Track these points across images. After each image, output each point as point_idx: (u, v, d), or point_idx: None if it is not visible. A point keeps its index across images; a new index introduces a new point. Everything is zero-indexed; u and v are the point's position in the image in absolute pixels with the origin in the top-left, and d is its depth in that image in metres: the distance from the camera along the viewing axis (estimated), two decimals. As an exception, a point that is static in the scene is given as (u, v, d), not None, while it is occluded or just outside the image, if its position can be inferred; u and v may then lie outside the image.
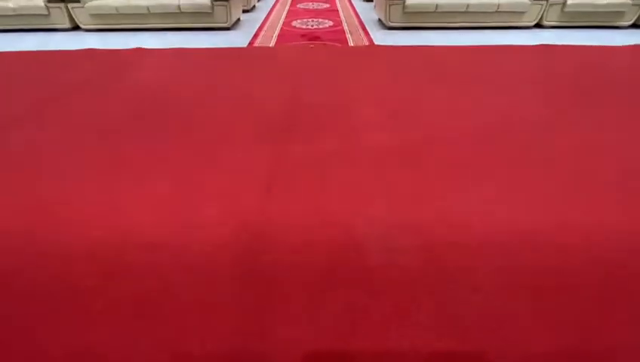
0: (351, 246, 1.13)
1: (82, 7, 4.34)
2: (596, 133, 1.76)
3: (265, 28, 4.65)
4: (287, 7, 5.89)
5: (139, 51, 2.68)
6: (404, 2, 4.27)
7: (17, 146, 1.66)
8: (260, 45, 3.89)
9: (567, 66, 2.45)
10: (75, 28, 4.59)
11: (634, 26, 4.63)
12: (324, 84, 2.22)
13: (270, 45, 3.91)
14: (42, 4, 4.37)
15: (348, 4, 6.21)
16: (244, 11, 5.41)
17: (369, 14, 5.46)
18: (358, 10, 5.67)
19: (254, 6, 5.91)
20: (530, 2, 4.34)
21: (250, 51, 2.70)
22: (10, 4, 4.41)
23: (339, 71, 2.40)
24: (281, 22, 4.94)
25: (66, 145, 1.66)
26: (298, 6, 6.02)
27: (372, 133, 1.73)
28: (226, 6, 4.32)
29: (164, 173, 1.47)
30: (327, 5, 6.08)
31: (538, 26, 4.59)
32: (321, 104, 1.96)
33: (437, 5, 4.29)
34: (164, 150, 1.61)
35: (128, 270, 1.07)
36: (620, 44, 3.93)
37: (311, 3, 6.25)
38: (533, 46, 2.73)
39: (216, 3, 4.28)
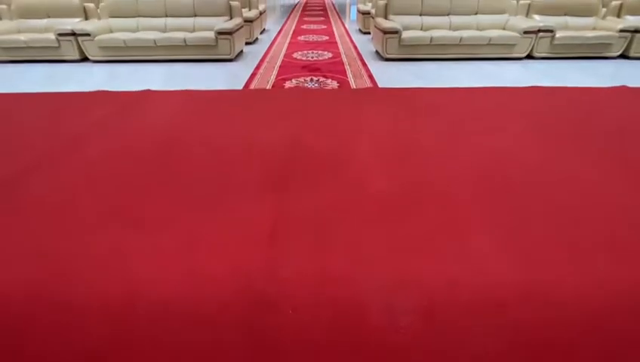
0: (354, 306, 1.13)
1: (92, 40, 4.52)
2: (594, 181, 1.77)
3: (267, 59, 4.83)
4: (288, 40, 6.14)
5: (146, 94, 2.76)
6: (400, 35, 4.47)
7: (25, 197, 1.66)
8: (262, 76, 4.03)
9: (560, 109, 2.52)
10: (84, 59, 4.76)
11: (622, 56, 4.83)
12: (325, 127, 2.25)
13: (272, 75, 4.05)
14: (53, 37, 4.55)
15: (346, 36, 6.49)
16: (247, 43, 5.64)
17: (367, 46, 5.69)
18: (356, 42, 5.91)
19: (257, 38, 6.17)
20: (520, 36, 4.54)
21: (252, 93, 2.78)
22: (22, 37, 4.59)
23: (339, 114, 2.45)
24: (282, 54, 5.13)
25: (73, 196, 1.67)
26: (299, 38, 6.28)
27: (373, 180, 1.74)
28: (229, 39, 4.51)
29: (171, 225, 1.47)
30: (327, 38, 6.35)
31: (529, 57, 4.78)
32: (322, 149, 1.98)
33: (431, 38, 4.49)
34: (170, 200, 1.63)
35: (136, 329, 1.07)
36: (609, 75, 4.09)
37: (311, 35, 6.53)
38: (524, 88, 2.83)
39: (220, 37, 4.47)
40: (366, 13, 6.45)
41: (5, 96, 3.00)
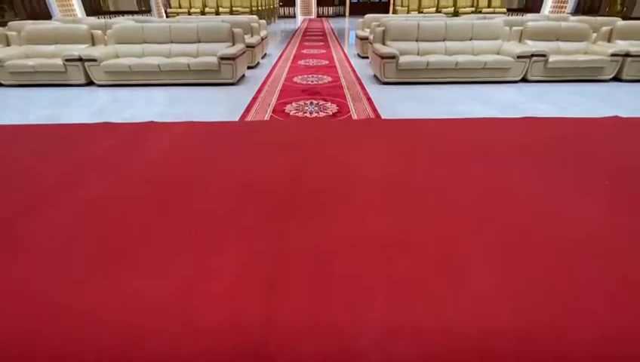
0: (352, 356, 1.11)
1: (98, 65, 4.65)
2: (593, 219, 1.75)
3: (268, 83, 4.95)
4: (288, 64, 6.31)
5: (148, 126, 2.78)
6: (397, 60, 4.60)
7: (20, 238, 1.64)
8: (264, 100, 4.11)
9: (555, 142, 2.52)
10: (89, 83, 4.88)
11: (615, 78, 4.95)
12: (324, 161, 2.24)
13: (273, 99, 4.13)
14: (60, 62, 4.69)
15: (345, 61, 6.67)
16: (249, 67, 5.80)
17: (365, 70, 5.84)
18: (354, 67, 6.07)
19: (258, 62, 6.35)
20: (514, 60, 4.67)
21: (251, 125, 2.80)
22: (30, 62, 4.73)
23: (338, 146, 2.44)
24: (283, 77, 5.26)
25: (68, 237, 1.65)
26: (299, 63, 6.45)
27: (371, 217, 1.74)
28: (232, 64, 4.64)
29: (168, 269, 1.46)
30: (326, 62, 6.53)
31: (524, 80, 4.89)
32: (321, 184, 1.97)
33: (428, 63, 4.61)
34: (167, 242, 1.61)
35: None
36: (602, 98, 4.17)
37: (311, 60, 6.72)
38: (519, 119, 2.87)
39: (223, 62, 4.60)
40: (364, 39, 6.66)
41: (5, 128, 2.94)
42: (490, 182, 2.04)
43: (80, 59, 4.67)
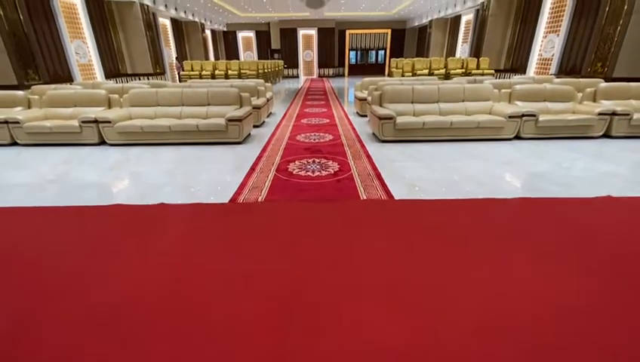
0: None
1: (112, 126, 4.92)
2: (603, 316, 1.65)
3: (272, 141, 5.17)
4: (292, 123, 6.66)
5: (159, 208, 2.72)
6: (394, 121, 4.85)
7: (20, 350, 1.57)
8: (268, 158, 4.27)
9: (551, 225, 2.45)
10: (102, 143, 5.12)
11: (605, 135, 5.16)
12: (323, 253, 2.18)
13: (277, 157, 4.29)
14: (77, 124, 4.97)
15: (345, 119, 7.03)
16: (255, 126, 6.11)
17: (364, 128, 6.14)
18: (354, 125, 6.39)
19: (264, 121, 6.70)
20: (506, 120, 4.92)
21: (257, 207, 2.80)
22: (47, 124, 5.02)
23: (337, 234, 2.38)
24: (287, 136, 5.51)
25: (71, 345, 1.58)
26: (302, 121, 6.81)
27: (372, 324, 1.65)
28: (239, 125, 4.90)
29: None
30: (328, 120, 6.88)
31: (518, 137, 5.10)
32: (322, 287, 1.89)
33: (424, 123, 4.86)
34: (168, 347, 1.55)
35: None
36: (594, 155, 4.30)
37: (313, 119, 7.09)
38: (514, 199, 2.87)
39: (230, 123, 4.87)
40: (362, 100, 7.11)
41: (13, 211, 2.83)
42: (495, 280, 1.92)
43: (95, 121, 4.96)
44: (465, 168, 3.88)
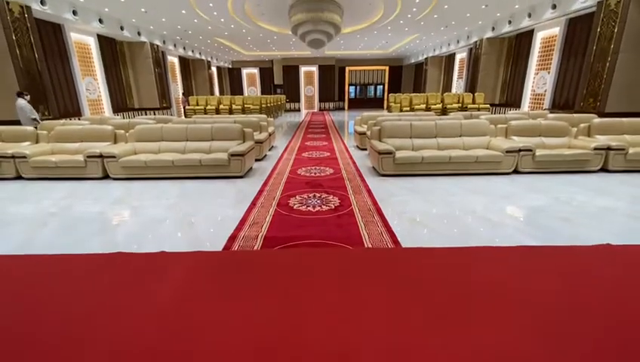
0: None
1: (116, 161, 5.02)
2: None
3: (274, 175, 5.24)
4: (293, 156, 6.77)
5: (160, 257, 2.71)
6: (394, 156, 4.94)
7: None
8: (269, 193, 4.30)
9: (551, 278, 2.37)
10: (105, 177, 5.19)
11: (603, 169, 5.22)
12: (322, 303, 2.11)
13: (278, 192, 4.33)
14: (82, 158, 5.07)
15: (346, 152, 7.16)
16: (257, 160, 6.22)
17: (364, 161, 6.24)
18: (354, 158, 6.49)
19: (266, 155, 6.83)
20: (503, 155, 5.01)
21: (258, 256, 2.80)
22: (53, 158, 5.12)
23: (335, 282, 2.31)
24: (288, 170, 5.59)
25: None
26: (303, 155, 6.93)
27: None
28: (241, 160, 5.00)
29: None
30: (328, 154, 7.01)
31: (516, 171, 5.16)
32: (319, 338, 1.83)
33: (423, 158, 4.95)
34: None
35: None
36: (592, 189, 4.32)
37: (314, 152, 7.22)
38: (514, 248, 2.84)
39: (232, 158, 4.97)
40: (362, 134, 7.28)
41: (13, 259, 2.76)
42: (487, 336, 1.82)
43: (100, 156, 5.06)
44: (465, 203, 3.89)
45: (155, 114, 14.09)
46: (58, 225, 3.39)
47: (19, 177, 5.24)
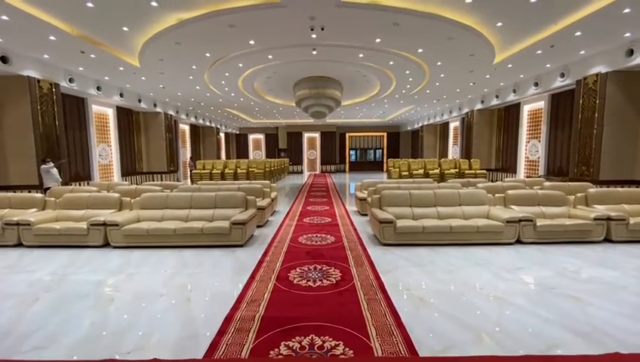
0: None
1: (118, 229, 5.05)
2: None
3: (274, 244, 5.20)
4: (294, 222, 6.79)
5: None
6: (395, 225, 4.96)
7: None
8: (269, 265, 4.23)
9: None
10: (105, 245, 5.16)
11: (606, 239, 5.16)
12: None
13: (277, 264, 4.25)
14: (85, 226, 5.11)
15: (347, 218, 7.19)
16: (258, 226, 6.23)
17: (365, 227, 6.23)
18: (355, 225, 6.49)
19: (267, 220, 6.85)
20: (504, 225, 5.02)
21: None
22: (57, 226, 5.16)
23: None
24: (289, 238, 5.56)
25: None
26: (304, 220, 6.96)
27: None
28: (242, 228, 5.02)
29: None
30: (329, 219, 7.04)
31: (519, 241, 5.11)
32: None
33: (424, 227, 4.96)
34: None
35: None
36: (596, 261, 4.22)
37: (315, 217, 7.26)
38: (532, 358, 2.50)
39: (234, 226, 5.00)
40: (363, 199, 7.40)
41: None
42: None
43: (103, 224, 5.10)
44: (471, 278, 3.79)
45: (162, 177, 14.52)
46: (50, 301, 3.29)
47: (19, 244, 5.22)
